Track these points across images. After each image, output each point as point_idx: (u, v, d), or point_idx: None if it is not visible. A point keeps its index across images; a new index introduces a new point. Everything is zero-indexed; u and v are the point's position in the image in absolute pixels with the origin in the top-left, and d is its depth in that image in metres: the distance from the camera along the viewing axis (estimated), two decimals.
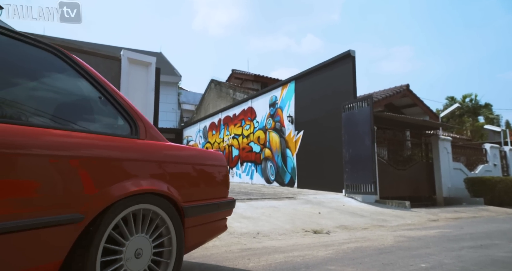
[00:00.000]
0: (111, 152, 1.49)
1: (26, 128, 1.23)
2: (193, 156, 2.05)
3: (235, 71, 17.86)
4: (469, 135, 19.38)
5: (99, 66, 4.93)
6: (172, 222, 1.68)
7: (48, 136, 1.29)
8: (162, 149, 1.81)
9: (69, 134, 1.38)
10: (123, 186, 1.44)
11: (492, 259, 2.71)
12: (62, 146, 1.29)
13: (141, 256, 1.52)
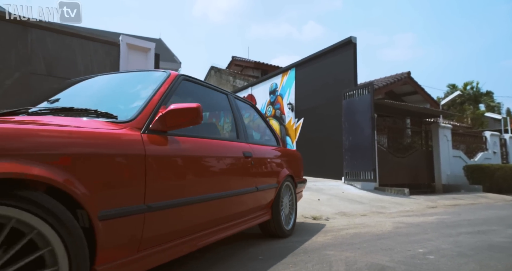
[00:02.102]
0: (277, 153, 3.09)
1: (254, 146, 2.61)
2: (296, 154, 3.60)
3: (235, 58, 17.68)
4: (470, 123, 19.36)
5: (97, 51, 4.87)
6: (294, 190, 3.20)
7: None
8: (288, 151, 3.41)
9: (264, 148, 2.86)
10: (285, 171, 2.96)
11: (489, 244, 2.74)
12: (267, 152, 2.87)
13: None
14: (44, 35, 4.45)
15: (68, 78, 4.62)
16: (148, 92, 1.70)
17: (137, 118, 1.49)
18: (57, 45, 4.56)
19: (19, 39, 4.28)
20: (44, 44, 4.44)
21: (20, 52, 4.27)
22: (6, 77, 4.14)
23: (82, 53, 4.74)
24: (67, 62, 4.62)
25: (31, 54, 4.33)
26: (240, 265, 2.05)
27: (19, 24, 4.27)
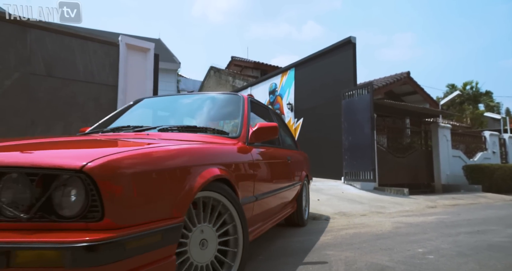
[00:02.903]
0: (298, 156, 3.45)
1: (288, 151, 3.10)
2: (307, 156, 3.93)
3: (234, 58, 17.68)
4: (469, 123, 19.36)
5: (97, 52, 4.87)
6: (308, 187, 3.84)
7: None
8: (303, 154, 3.79)
9: (293, 152, 3.26)
10: (304, 171, 3.52)
11: (488, 244, 2.74)
12: (295, 156, 3.20)
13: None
14: (43, 35, 4.45)
15: (67, 79, 4.63)
16: (237, 113, 2.24)
17: (241, 135, 2.02)
18: (56, 45, 4.55)
19: (18, 39, 4.28)
20: (43, 44, 4.44)
21: (19, 52, 4.26)
22: (6, 77, 4.14)
23: (81, 54, 4.74)
24: (66, 62, 4.62)
25: (30, 54, 4.33)
26: None
27: (18, 25, 4.27)
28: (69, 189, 0.97)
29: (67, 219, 0.95)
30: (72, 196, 0.97)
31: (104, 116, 4.90)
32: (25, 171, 0.96)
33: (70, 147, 1.40)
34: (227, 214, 1.54)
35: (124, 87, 4.99)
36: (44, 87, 4.40)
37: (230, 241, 1.54)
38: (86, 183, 0.94)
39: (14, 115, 4.16)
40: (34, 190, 0.95)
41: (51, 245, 0.86)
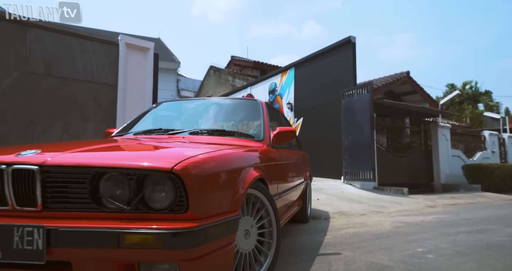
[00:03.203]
0: (304, 156, 3.70)
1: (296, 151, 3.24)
2: (307, 156, 4.00)
3: (234, 57, 17.67)
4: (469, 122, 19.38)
5: (96, 51, 4.87)
6: (310, 185, 3.92)
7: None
8: (305, 154, 3.89)
9: (299, 152, 3.41)
10: (308, 171, 3.77)
11: (487, 243, 2.75)
12: (301, 156, 3.41)
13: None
14: (43, 34, 4.45)
15: (67, 78, 4.63)
16: (257, 117, 2.48)
17: (265, 138, 2.22)
18: (56, 44, 4.55)
19: (18, 38, 4.27)
20: (43, 43, 4.43)
21: (19, 51, 4.26)
22: (5, 77, 4.14)
23: (81, 53, 4.73)
24: (66, 62, 4.61)
25: (29, 53, 4.33)
26: None
27: (17, 24, 4.27)
28: (161, 186, 1.17)
29: (157, 210, 1.15)
30: (164, 192, 1.17)
31: (104, 116, 4.90)
32: (125, 172, 1.16)
33: (149, 149, 1.70)
34: (264, 209, 1.74)
35: (124, 87, 4.99)
36: (43, 86, 4.40)
37: (266, 233, 1.75)
38: (175, 181, 1.14)
39: (13, 115, 4.16)
40: (132, 187, 1.16)
41: (153, 231, 1.07)
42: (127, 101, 5.03)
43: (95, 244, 1.07)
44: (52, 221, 1.11)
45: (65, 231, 1.07)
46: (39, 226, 1.07)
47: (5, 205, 1.17)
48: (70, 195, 1.18)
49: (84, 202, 1.17)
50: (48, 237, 1.06)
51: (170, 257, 1.09)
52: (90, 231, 1.07)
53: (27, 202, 1.17)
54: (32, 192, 1.16)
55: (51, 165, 1.17)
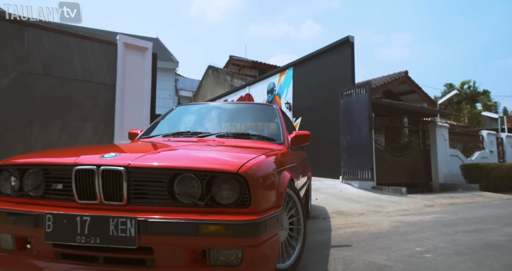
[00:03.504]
0: (306, 156, 3.73)
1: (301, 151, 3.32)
2: (307, 156, 3.90)
3: (232, 57, 17.66)
4: (467, 122, 19.43)
5: (94, 51, 4.85)
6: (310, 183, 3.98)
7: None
8: (306, 154, 3.76)
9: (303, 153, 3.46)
10: (309, 170, 3.82)
11: (485, 243, 2.76)
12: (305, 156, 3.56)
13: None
14: (41, 34, 4.43)
15: (65, 78, 4.61)
16: (275, 121, 2.70)
17: (285, 141, 2.42)
18: (54, 44, 4.54)
19: (16, 38, 4.26)
20: (41, 43, 4.42)
21: (17, 51, 4.24)
22: (3, 76, 4.12)
23: (79, 53, 4.72)
24: (64, 61, 4.60)
25: (27, 53, 4.31)
26: None
27: (15, 24, 4.25)
28: (227, 185, 1.38)
29: (224, 205, 1.37)
30: (230, 190, 1.38)
31: (102, 115, 4.89)
32: (198, 173, 1.38)
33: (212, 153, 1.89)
34: (291, 203, 1.95)
35: (122, 87, 4.98)
36: (41, 86, 4.38)
37: (294, 224, 1.97)
38: (240, 181, 1.36)
39: (11, 115, 4.15)
40: (203, 185, 1.38)
41: (226, 222, 1.28)
42: (125, 101, 5.02)
43: (178, 232, 1.28)
44: (135, 213, 1.32)
45: (153, 222, 1.28)
46: (131, 217, 1.28)
47: (94, 199, 1.39)
48: (150, 191, 1.40)
49: (162, 197, 1.39)
50: (138, 226, 1.27)
51: (237, 244, 1.30)
52: (173, 222, 1.28)
53: (114, 197, 1.38)
54: (119, 189, 1.37)
55: (134, 166, 1.39)
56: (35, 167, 1.52)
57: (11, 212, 1.42)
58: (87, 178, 1.39)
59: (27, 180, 1.52)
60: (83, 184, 1.40)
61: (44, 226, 1.32)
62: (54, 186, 1.47)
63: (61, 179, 1.46)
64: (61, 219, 1.32)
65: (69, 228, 1.30)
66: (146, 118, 5.21)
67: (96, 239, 1.29)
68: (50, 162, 1.56)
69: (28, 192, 1.50)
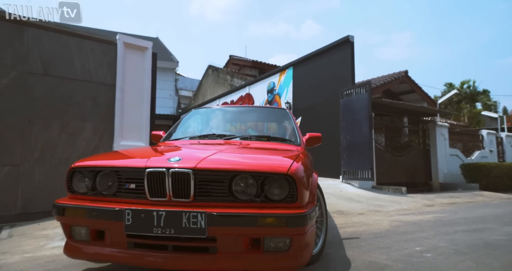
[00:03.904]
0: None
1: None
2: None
3: (232, 57, 17.66)
4: (467, 121, 19.44)
5: (94, 50, 4.85)
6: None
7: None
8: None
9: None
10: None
11: (485, 242, 2.76)
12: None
13: None
14: (40, 34, 4.42)
15: (65, 78, 4.61)
16: (289, 124, 2.95)
17: (301, 143, 2.65)
18: (54, 44, 4.53)
19: (15, 38, 4.25)
20: (40, 43, 4.41)
21: (16, 51, 4.24)
22: (2, 76, 4.12)
23: (78, 52, 4.71)
24: (64, 61, 4.59)
25: (27, 53, 4.31)
26: None
27: (15, 23, 4.25)
28: (278, 184, 1.62)
29: (274, 201, 1.61)
30: (281, 188, 1.62)
31: (102, 115, 4.88)
32: (254, 174, 1.62)
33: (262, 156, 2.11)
34: (319, 203, 2.15)
35: (122, 86, 4.97)
36: (41, 86, 4.38)
37: (318, 217, 2.17)
38: (289, 181, 1.60)
39: (10, 114, 4.14)
40: (258, 184, 1.62)
41: (282, 215, 1.53)
42: (125, 101, 5.01)
43: (240, 224, 1.52)
44: (201, 208, 1.55)
45: (219, 215, 1.52)
46: (201, 212, 1.52)
47: (164, 197, 1.62)
48: (213, 189, 1.63)
49: (223, 195, 1.63)
50: (207, 219, 1.50)
51: (288, 233, 1.56)
52: (237, 215, 1.53)
53: (182, 195, 1.61)
54: (186, 188, 1.61)
55: (200, 168, 1.63)
56: (107, 169, 1.74)
57: (93, 208, 1.64)
58: (158, 178, 1.62)
59: (100, 181, 1.74)
60: (154, 183, 1.63)
61: (124, 219, 1.55)
62: (127, 186, 1.70)
63: (133, 180, 1.69)
64: (139, 213, 1.55)
65: (147, 221, 1.54)
66: (146, 118, 5.20)
67: (171, 230, 1.52)
68: (122, 165, 1.78)
69: (101, 191, 1.73)
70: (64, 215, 1.71)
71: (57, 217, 1.76)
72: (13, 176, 4.05)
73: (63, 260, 2.26)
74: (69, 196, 1.83)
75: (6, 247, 2.73)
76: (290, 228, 1.53)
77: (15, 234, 3.25)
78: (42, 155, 4.28)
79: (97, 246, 1.69)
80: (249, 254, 1.58)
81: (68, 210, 1.70)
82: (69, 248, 1.76)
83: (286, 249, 1.59)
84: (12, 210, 3.97)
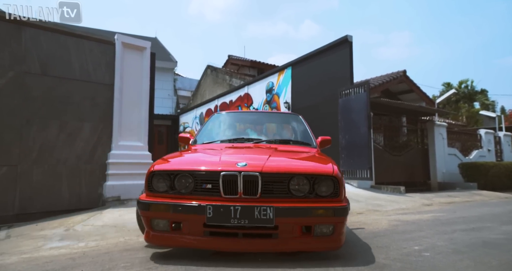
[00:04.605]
0: None
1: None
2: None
3: (231, 57, 17.64)
4: (465, 121, 19.47)
5: (92, 50, 4.84)
6: None
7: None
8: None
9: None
10: None
11: (483, 241, 2.77)
12: None
13: None
14: (38, 34, 4.41)
15: (63, 78, 4.60)
16: (303, 128, 3.33)
17: (317, 145, 3.06)
18: (52, 44, 4.52)
19: (13, 38, 4.24)
20: (38, 43, 4.40)
21: (14, 51, 4.23)
22: (0, 76, 4.11)
23: (77, 52, 4.70)
24: (62, 61, 4.58)
25: (25, 53, 4.30)
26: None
27: (13, 23, 4.23)
28: (326, 183, 2.07)
29: (322, 197, 2.05)
30: (327, 186, 2.06)
31: (101, 115, 4.86)
32: (308, 176, 2.06)
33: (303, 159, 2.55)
34: None
35: (121, 86, 4.96)
36: (39, 86, 4.37)
37: None
38: (334, 180, 2.06)
39: (8, 115, 4.13)
40: (310, 183, 2.05)
41: (330, 207, 2.00)
42: (123, 101, 5.01)
43: (298, 215, 1.97)
44: (266, 203, 1.96)
45: (283, 208, 1.95)
46: (270, 206, 1.93)
47: (235, 194, 1.99)
48: (274, 188, 2.04)
49: (282, 192, 2.03)
50: (275, 212, 1.92)
51: (333, 221, 2.02)
52: (296, 208, 1.97)
53: (250, 192, 2.00)
54: (255, 187, 2.00)
55: (265, 171, 2.03)
56: (185, 172, 2.08)
57: (178, 204, 1.99)
58: (231, 180, 2.00)
59: (178, 182, 2.08)
60: (228, 184, 2.00)
61: (206, 213, 1.92)
62: (204, 186, 2.05)
63: (209, 181, 2.04)
64: (218, 208, 1.93)
65: (225, 214, 1.91)
66: (144, 118, 5.19)
67: (245, 221, 1.91)
68: (199, 169, 2.10)
69: (179, 190, 2.06)
70: (149, 210, 2.04)
71: (142, 212, 2.08)
72: (11, 176, 4.04)
73: (61, 260, 2.26)
74: (148, 194, 2.11)
75: (4, 247, 2.73)
76: (335, 217, 1.99)
77: (13, 234, 3.24)
78: (40, 155, 4.27)
79: (176, 234, 2.04)
80: (302, 238, 2.01)
81: (152, 206, 2.03)
82: (150, 237, 2.08)
83: (330, 234, 2.02)
84: (10, 211, 3.96)
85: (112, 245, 2.68)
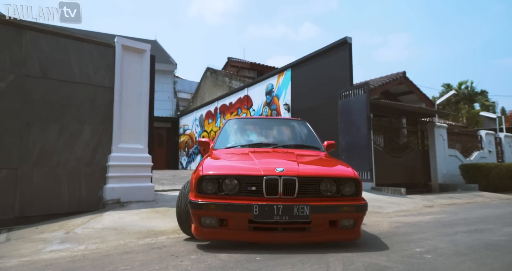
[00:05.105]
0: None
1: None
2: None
3: (231, 59, 17.68)
4: (465, 122, 19.45)
5: (92, 53, 4.84)
6: None
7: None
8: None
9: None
10: None
11: (485, 243, 2.75)
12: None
13: None
14: (38, 37, 4.42)
15: (63, 80, 4.60)
16: (311, 133, 3.74)
17: (325, 149, 3.49)
18: (52, 47, 4.52)
19: (14, 41, 4.24)
20: (38, 46, 4.41)
21: (14, 54, 4.23)
22: (0, 79, 4.11)
23: (77, 55, 4.70)
24: (62, 64, 4.58)
25: (25, 56, 4.30)
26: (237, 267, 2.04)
27: (13, 26, 4.24)
28: (349, 184, 2.51)
29: (345, 196, 2.48)
30: (350, 187, 2.50)
31: (101, 117, 4.86)
32: (335, 179, 2.50)
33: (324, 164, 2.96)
34: None
35: (120, 89, 4.96)
36: (39, 89, 4.37)
37: None
38: (356, 182, 2.51)
39: (8, 117, 4.13)
40: (336, 184, 2.48)
41: (354, 204, 2.46)
42: (123, 103, 5.00)
43: (328, 211, 2.40)
44: (301, 202, 2.35)
45: (317, 206, 2.36)
46: (306, 205, 2.33)
47: (276, 195, 2.37)
48: (308, 189, 2.44)
49: (314, 192, 2.45)
50: (310, 209, 2.32)
51: (356, 216, 2.46)
52: (327, 205, 2.40)
53: (288, 193, 2.38)
54: (292, 189, 2.38)
55: (301, 175, 2.42)
56: (232, 177, 2.43)
57: (227, 204, 2.32)
58: (272, 183, 2.37)
59: (225, 185, 2.41)
60: (269, 186, 2.37)
61: (252, 211, 2.28)
62: (249, 188, 2.41)
63: (254, 184, 2.41)
64: (263, 207, 2.30)
65: (269, 212, 2.29)
66: (144, 121, 5.19)
67: (286, 217, 2.30)
68: (245, 174, 2.46)
69: (227, 191, 2.40)
70: (201, 209, 2.35)
71: (193, 210, 2.39)
72: (11, 179, 4.03)
73: (61, 263, 2.25)
74: (197, 195, 2.41)
75: (4, 251, 2.72)
76: (357, 213, 2.44)
77: (13, 237, 3.23)
78: (40, 157, 4.26)
79: (224, 229, 2.38)
80: (330, 231, 2.44)
81: (204, 205, 2.35)
82: (200, 232, 2.42)
83: (352, 227, 2.45)
84: (10, 214, 3.95)
85: (112, 248, 2.67)
